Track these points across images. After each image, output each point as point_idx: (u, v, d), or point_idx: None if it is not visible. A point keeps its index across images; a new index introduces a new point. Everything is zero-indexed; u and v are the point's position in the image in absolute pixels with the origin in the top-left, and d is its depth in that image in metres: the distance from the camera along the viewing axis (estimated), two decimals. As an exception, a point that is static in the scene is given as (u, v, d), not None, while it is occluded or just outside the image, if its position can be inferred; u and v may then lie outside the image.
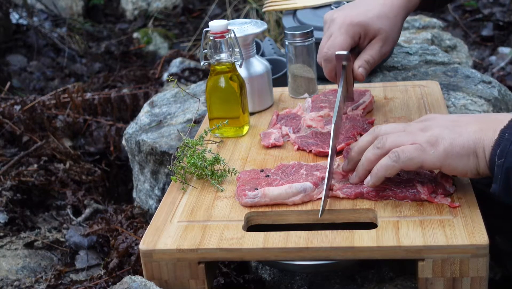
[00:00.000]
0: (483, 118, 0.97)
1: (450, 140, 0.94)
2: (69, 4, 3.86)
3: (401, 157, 0.97)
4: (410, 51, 1.86)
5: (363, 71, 1.22)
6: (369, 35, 1.23)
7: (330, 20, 1.25)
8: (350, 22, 1.21)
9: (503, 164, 0.89)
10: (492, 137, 0.92)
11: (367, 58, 1.22)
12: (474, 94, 1.56)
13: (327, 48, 1.21)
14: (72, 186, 1.85)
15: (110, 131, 2.16)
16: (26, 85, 3.02)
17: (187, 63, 2.59)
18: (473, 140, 0.93)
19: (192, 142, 1.20)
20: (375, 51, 1.23)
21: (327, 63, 1.23)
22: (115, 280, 1.40)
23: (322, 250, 0.95)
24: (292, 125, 1.32)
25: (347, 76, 1.23)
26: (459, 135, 0.94)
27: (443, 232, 0.94)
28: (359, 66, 1.22)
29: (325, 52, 1.22)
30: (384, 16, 1.22)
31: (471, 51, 2.97)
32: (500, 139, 0.91)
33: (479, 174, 0.95)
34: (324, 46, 1.22)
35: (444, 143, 0.94)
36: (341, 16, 1.23)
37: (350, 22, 1.21)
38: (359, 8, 1.24)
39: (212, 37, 1.26)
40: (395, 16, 1.23)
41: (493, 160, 0.91)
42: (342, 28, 1.21)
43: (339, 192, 1.05)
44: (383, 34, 1.22)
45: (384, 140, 1.00)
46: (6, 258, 1.53)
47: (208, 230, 1.01)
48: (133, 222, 1.57)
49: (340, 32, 1.21)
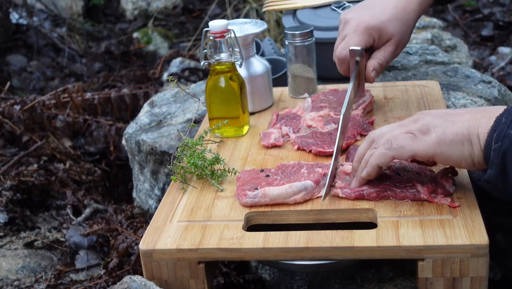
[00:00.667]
0: (476, 109, 0.97)
1: (442, 128, 0.94)
2: (69, 4, 3.86)
3: (393, 144, 0.97)
4: (410, 51, 1.86)
5: (375, 74, 1.26)
6: (382, 39, 1.25)
7: (344, 21, 1.28)
8: (365, 26, 1.24)
9: (500, 148, 0.88)
10: (487, 124, 0.91)
11: (380, 61, 1.26)
12: (474, 94, 1.56)
13: (341, 48, 1.26)
14: (72, 185, 1.85)
15: (110, 131, 2.16)
16: (26, 85, 3.02)
17: (187, 63, 2.59)
18: (466, 128, 0.92)
19: (192, 142, 1.20)
20: (388, 54, 1.26)
21: (341, 62, 1.28)
22: (115, 280, 1.40)
23: (322, 250, 0.95)
24: (292, 125, 1.32)
25: (360, 71, 1.26)
26: (452, 123, 0.94)
27: (443, 232, 0.94)
28: (373, 69, 1.25)
29: (339, 52, 1.26)
30: (397, 19, 1.25)
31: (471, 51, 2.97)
32: (496, 124, 0.90)
33: (474, 164, 0.94)
34: (338, 46, 1.27)
35: (436, 131, 0.94)
36: (355, 19, 1.26)
37: (364, 26, 1.24)
38: (372, 10, 1.26)
39: (212, 37, 1.26)
40: (408, 19, 1.26)
41: (489, 145, 0.90)
42: (357, 31, 1.24)
43: (339, 190, 1.05)
44: (396, 37, 1.25)
45: (379, 140, 1.00)
46: (6, 258, 1.53)
47: (208, 230, 1.01)
48: (133, 222, 1.57)
49: (355, 34, 1.24)
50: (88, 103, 2.27)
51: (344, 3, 1.70)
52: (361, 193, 1.04)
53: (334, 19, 1.67)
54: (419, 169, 1.07)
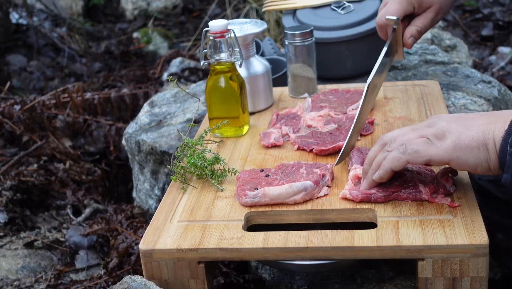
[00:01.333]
0: (490, 113, 0.96)
1: (457, 133, 0.93)
2: (69, 3, 3.86)
3: (407, 148, 0.96)
4: (410, 50, 1.86)
5: (412, 40, 1.28)
6: (422, 6, 1.28)
7: None
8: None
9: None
10: (502, 128, 0.90)
11: (419, 28, 1.28)
12: (474, 94, 1.56)
13: (381, 15, 1.29)
14: (72, 185, 1.85)
15: (110, 131, 2.16)
16: (26, 85, 3.02)
17: (187, 63, 2.59)
18: (482, 132, 0.91)
19: (192, 142, 1.20)
20: (428, 21, 1.28)
21: (381, 29, 1.31)
22: (115, 280, 1.40)
23: (322, 250, 0.95)
24: (292, 125, 1.32)
25: (397, 38, 1.28)
26: (467, 128, 0.93)
27: (443, 231, 0.94)
28: (410, 36, 1.27)
29: (378, 19, 1.30)
30: None
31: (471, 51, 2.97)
32: (511, 128, 0.89)
33: (490, 169, 0.92)
34: (379, 13, 1.30)
35: (452, 136, 0.93)
36: None
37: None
38: None
39: (212, 37, 1.26)
40: None
41: (504, 150, 0.89)
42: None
43: (348, 192, 1.05)
44: (437, 5, 1.27)
45: (393, 143, 0.99)
46: (6, 258, 1.53)
47: (208, 229, 1.01)
48: (133, 222, 1.57)
49: (395, 2, 1.26)
50: (88, 103, 2.27)
51: (344, 3, 1.70)
52: (368, 196, 1.03)
53: (334, 19, 1.67)
54: (419, 168, 1.07)
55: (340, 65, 1.68)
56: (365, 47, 1.65)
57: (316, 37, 1.48)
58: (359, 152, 1.15)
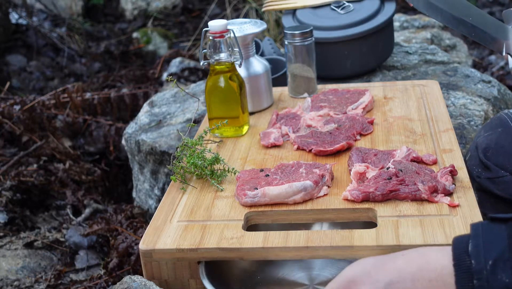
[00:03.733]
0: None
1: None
2: (68, 4, 3.86)
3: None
4: (410, 50, 1.86)
5: None
6: None
7: None
8: None
9: None
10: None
11: None
12: (473, 94, 1.56)
13: None
14: (72, 185, 1.85)
15: (109, 131, 2.16)
16: (25, 85, 3.02)
17: (186, 63, 2.59)
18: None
19: (192, 142, 1.20)
20: None
21: None
22: (115, 280, 1.40)
23: (322, 249, 0.95)
24: (291, 125, 1.32)
25: None
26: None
27: (443, 230, 0.94)
28: None
29: None
30: None
31: (471, 51, 2.97)
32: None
33: None
34: None
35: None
36: None
37: None
38: None
39: (212, 37, 1.26)
40: None
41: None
42: None
43: (348, 193, 1.05)
44: None
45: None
46: (6, 258, 1.53)
47: (208, 229, 1.01)
48: (132, 222, 1.57)
49: None
50: (87, 103, 2.27)
51: (343, 3, 1.70)
52: (367, 195, 1.03)
53: (334, 19, 1.67)
54: (419, 168, 1.07)
55: (340, 65, 1.68)
56: (365, 47, 1.65)
57: (316, 37, 1.48)
58: (359, 151, 1.15)
